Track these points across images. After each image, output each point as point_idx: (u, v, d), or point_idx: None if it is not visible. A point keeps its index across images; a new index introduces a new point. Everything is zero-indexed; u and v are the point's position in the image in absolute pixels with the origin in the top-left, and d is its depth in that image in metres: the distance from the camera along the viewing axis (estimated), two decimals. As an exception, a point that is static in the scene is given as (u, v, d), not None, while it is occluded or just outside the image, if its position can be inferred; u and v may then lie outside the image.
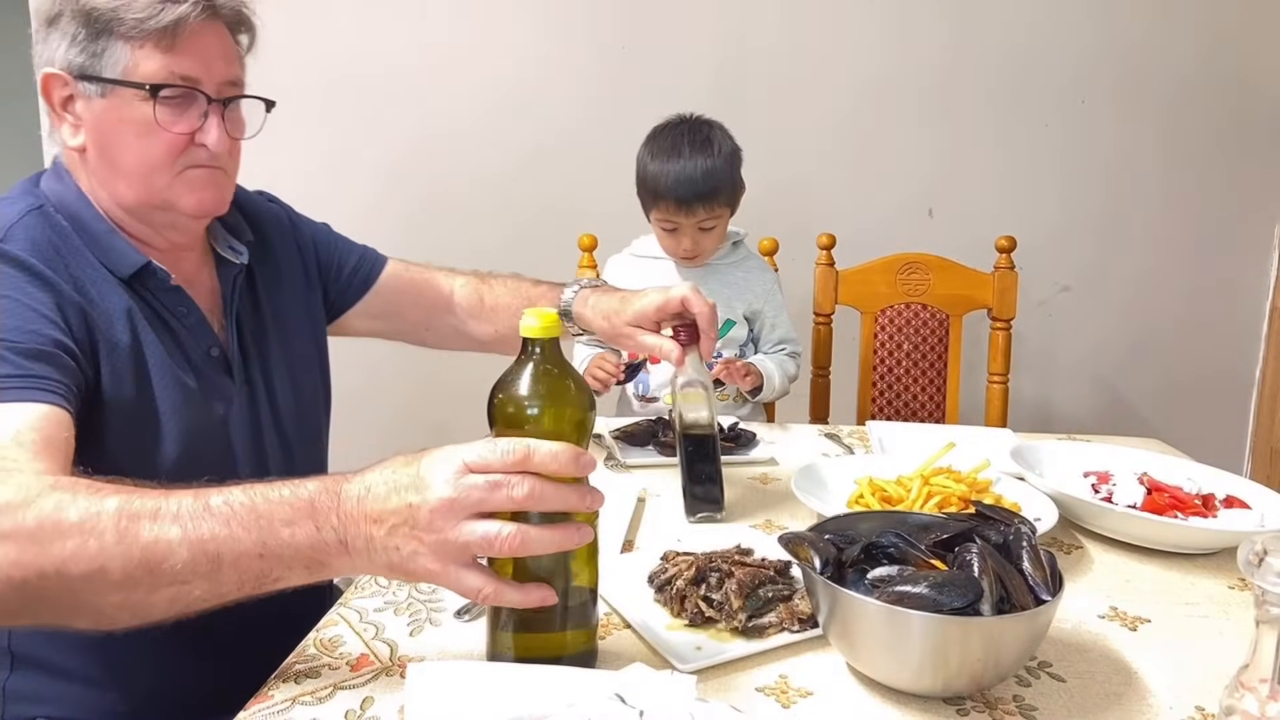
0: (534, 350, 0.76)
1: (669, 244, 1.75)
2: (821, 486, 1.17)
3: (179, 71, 0.97)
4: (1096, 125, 2.39)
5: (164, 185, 1.00)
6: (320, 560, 0.71)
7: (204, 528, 0.70)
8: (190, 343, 1.03)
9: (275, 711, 0.74)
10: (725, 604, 0.86)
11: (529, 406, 0.74)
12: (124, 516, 0.70)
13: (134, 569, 0.69)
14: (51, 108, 0.98)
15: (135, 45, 0.95)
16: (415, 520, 0.68)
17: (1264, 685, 0.62)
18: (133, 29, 0.94)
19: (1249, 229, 2.43)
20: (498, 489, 0.67)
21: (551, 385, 0.75)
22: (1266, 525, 1.08)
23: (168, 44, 0.96)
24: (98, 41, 0.95)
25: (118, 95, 0.96)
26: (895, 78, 2.38)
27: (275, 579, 0.72)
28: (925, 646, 0.73)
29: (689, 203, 1.66)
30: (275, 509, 0.71)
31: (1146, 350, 2.49)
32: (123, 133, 0.97)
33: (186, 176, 1.01)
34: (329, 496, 0.71)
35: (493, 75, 2.41)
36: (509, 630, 0.77)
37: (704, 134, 1.70)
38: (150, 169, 0.99)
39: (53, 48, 0.96)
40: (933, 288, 2.06)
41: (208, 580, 0.71)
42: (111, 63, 0.95)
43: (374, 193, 2.44)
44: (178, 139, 0.98)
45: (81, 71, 0.96)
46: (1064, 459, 1.28)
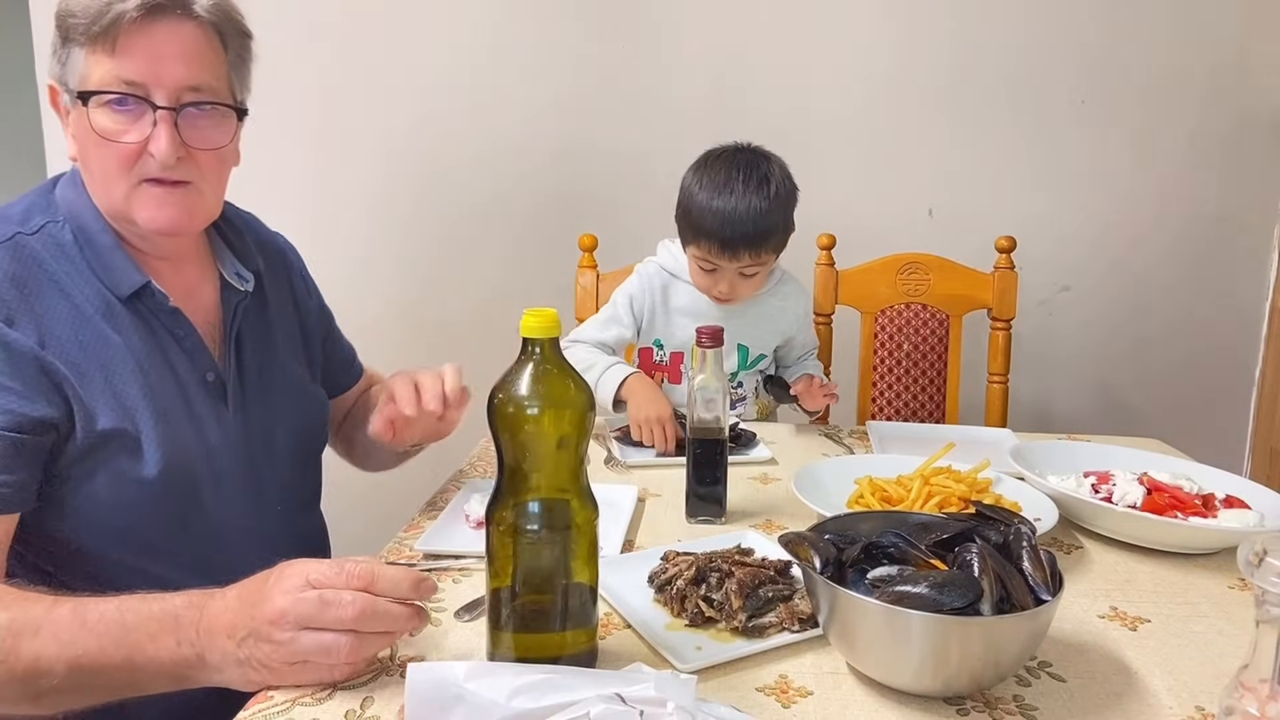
0: (533, 350, 0.76)
1: (703, 282, 1.60)
2: (821, 486, 1.17)
3: (124, 76, 0.93)
4: (1097, 125, 2.39)
5: (121, 197, 0.97)
6: (182, 674, 0.75)
7: (79, 645, 0.75)
8: (184, 366, 1.01)
9: (275, 711, 0.74)
10: (725, 604, 0.86)
11: (529, 406, 0.74)
12: (9, 634, 0.75)
13: (18, 684, 0.75)
14: (58, 114, 0.99)
15: (88, 51, 0.93)
16: (256, 631, 0.72)
17: (1264, 685, 0.62)
18: (82, 34, 0.92)
19: (1249, 229, 2.43)
20: (328, 607, 0.71)
21: (551, 385, 0.75)
22: (1266, 525, 1.08)
23: (110, 47, 0.92)
24: (65, 49, 0.95)
25: (80, 104, 0.95)
26: (895, 78, 2.38)
27: (146, 687, 0.77)
28: (925, 646, 0.73)
29: (734, 247, 1.49)
30: (143, 623, 0.75)
31: (1146, 350, 2.48)
32: (87, 142, 0.96)
33: (142, 191, 0.97)
34: (193, 610, 0.75)
35: (493, 74, 2.40)
36: (509, 630, 0.77)
37: (762, 171, 1.52)
38: (108, 179, 0.97)
39: (52, 60, 0.97)
40: (933, 288, 2.05)
41: (82, 692, 0.76)
42: (72, 71, 0.95)
43: (374, 194, 2.43)
44: (126, 149, 0.95)
45: (59, 80, 0.97)
46: (1064, 459, 1.28)
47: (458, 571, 1.00)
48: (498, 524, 0.76)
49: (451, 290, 2.48)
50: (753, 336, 1.71)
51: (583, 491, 0.77)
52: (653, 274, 1.70)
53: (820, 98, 2.39)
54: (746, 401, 1.77)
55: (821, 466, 1.26)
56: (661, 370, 1.73)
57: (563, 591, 0.76)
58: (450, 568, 1.01)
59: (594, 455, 1.42)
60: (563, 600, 0.76)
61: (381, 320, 2.41)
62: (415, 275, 2.47)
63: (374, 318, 2.41)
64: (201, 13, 0.96)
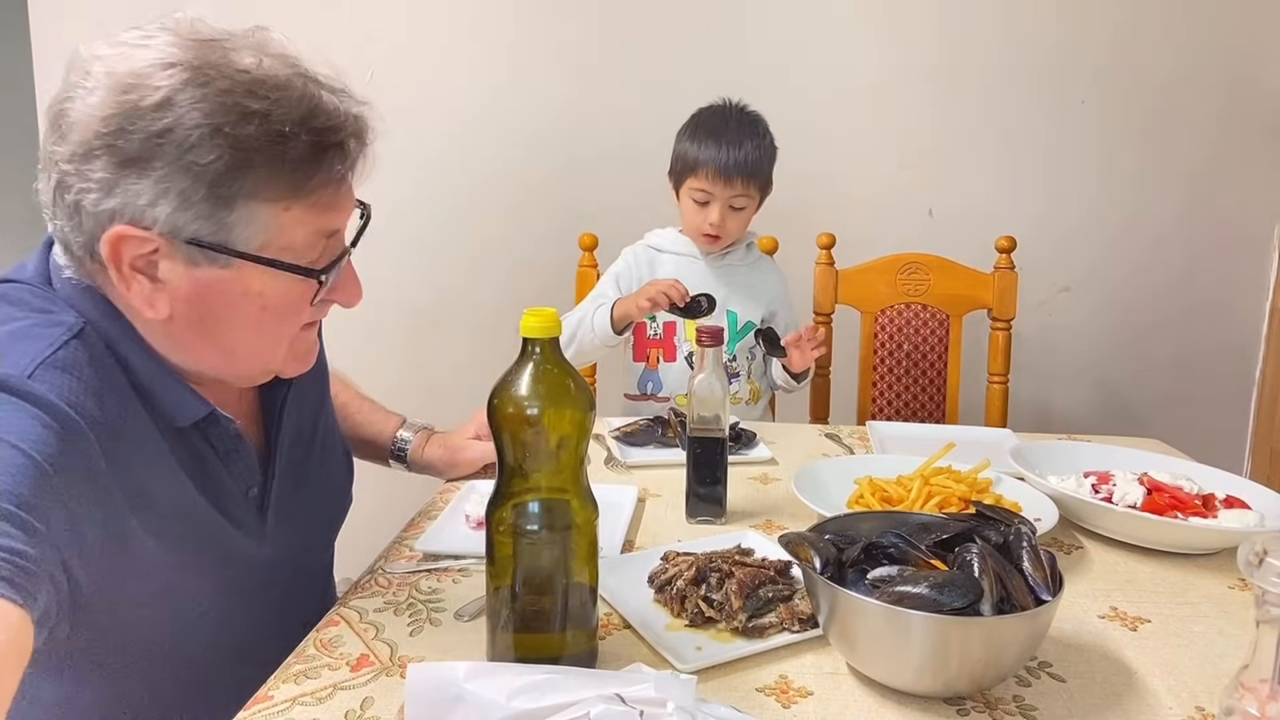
0: (533, 350, 0.76)
1: (697, 219, 1.73)
2: (821, 486, 1.17)
3: (327, 229, 0.79)
4: (1097, 126, 2.39)
5: (280, 358, 0.84)
6: None
7: None
8: (230, 484, 0.87)
9: (275, 711, 0.74)
10: (725, 604, 0.86)
11: (528, 407, 0.74)
12: None
13: None
14: (115, 267, 0.73)
15: (282, 208, 0.74)
16: None
17: (1264, 685, 0.62)
18: (286, 192, 0.74)
19: (1249, 229, 2.43)
20: None
21: (551, 385, 0.75)
22: (1266, 525, 1.08)
23: (326, 202, 0.77)
24: (228, 207, 0.72)
25: (247, 268, 0.75)
26: (896, 78, 2.38)
27: None
28: (925, 646, 0.73)
29: (729, 173, 1.66)
30: None
31: (1146, 350, 2.48)
32: (244, 308, 0.77)
33: (298, 343, 0.85)
34: None
35: (493, 74, 2.41)
36: (509, 630, 0.77)
37: (751, 118, 1.73)
38: (270, 345, 0.82)
39: (135, 201, 0.71)
40: (933, 288, 2.05)
41: None
42: (246, 233, 0.74)
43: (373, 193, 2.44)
44: (310, 307, 0.82)
45: (195, 238, 0.72)
46: (1064, 459, 1.28)
47: (458, 572, 1.00)
48: (497, 524, 0.76)
49: (451, 290, 2.48)
50: (739, 304, 1.80)
51: (583, 492, 0.78)
52: (639, 251, 1.85)
53: (821, 98, 2.39)
54: (740, 378, 1.80)
55: (821, 466, 1.26)
56: (656, 345, 1.80)
57: (562, 592, 0.76)
58: (450, 568, 1.01)
59: (594, 455, 1.42)
60: (562, 601, 0.76)
61: (381, 320, 2.41)
62: (415, 275, 2.47)
63: (373, 317, 2.41)
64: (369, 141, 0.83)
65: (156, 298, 0.75)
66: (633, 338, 1.82)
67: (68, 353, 0.72)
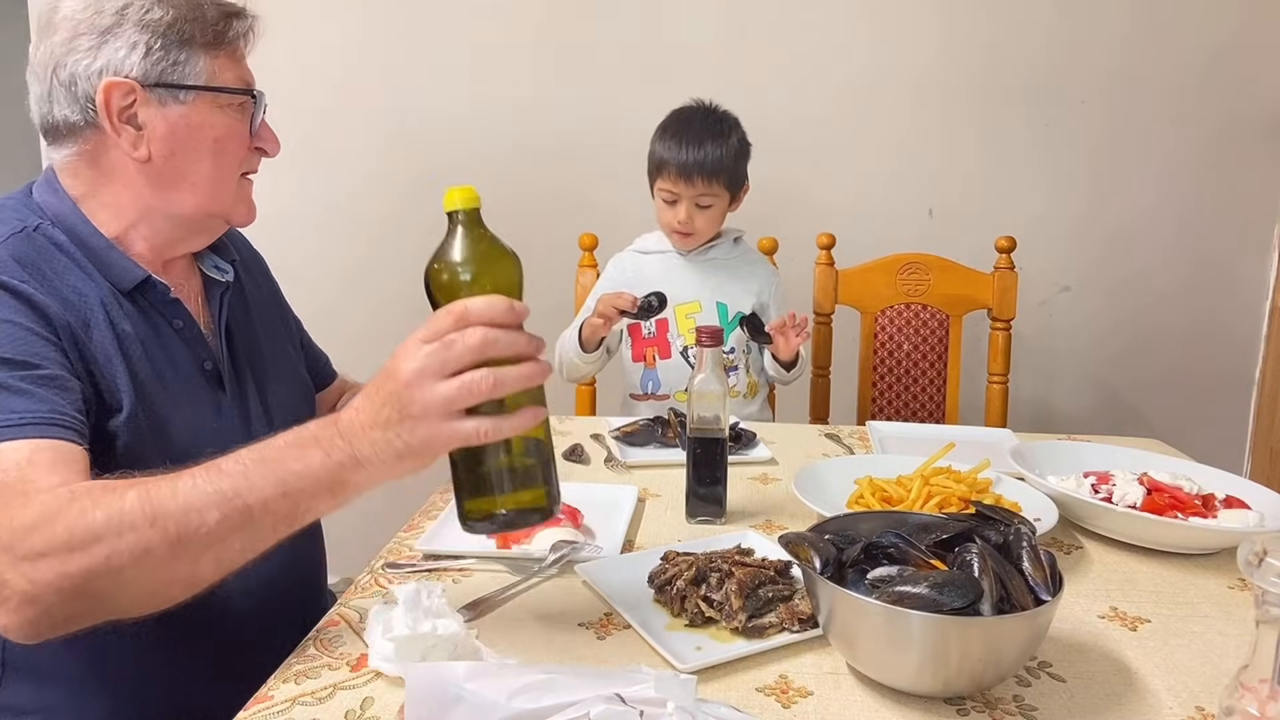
0: (458, 220, 0.80)
1: (667, 217, 1.77)
2: (821, 486, 1.17)
3: (244, 79, 1.02)
4: (1097, 125, 2.39)
5: (231, 194, 1.04)
6: (340, 479, 0.77)
7: (225, 486, 0.75)
8: (183, 356, 1.03)
9: (275, 711, 0.74)
10: (725, 604, 0.86)
11: (462, 272, 0.78)
12: (147, 501, 0.75)
13: (174, 543, 0.75)
14: (109, 117, 0.95)
15: (212, 56, 0.99)
16: (400, 402, 0.74)
17: (1264, 685, 0.62)
18: (211, 40, 0.98)
19: (1249, 229, 2.43)
20: (453, 345, 0.73)
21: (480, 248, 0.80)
22: (1266, 525, 1.08)
23: (238, 54, 1.02)
24: (178, 51, 0.96)
25: (200, 102, 0.98)
26: (895, 78, 2.38)
27: (305, 511, 0.78)
28: (925, 646, 0.73)
29: (689, 173, 1.70)
30: (284, 453, 0.77)
31: (1146, 350, 2.48)
32: (200, 139, 0.99)
33: (243, 186, 1.06)
34: (327, 427, 0.77)
35: (493, 74, 2.41)
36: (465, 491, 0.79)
37: (716, 117, 1.76)
38: (222, 177, 1.02)
39: (114, 57, 0.94)
40: (933, 288, 2.06)
41: (243, 531, 0.76)
42: (194, 72, 0.98)
43: (372, 194, 2.44)
44: (246, 145, 1.03)
45: (159, 80, 0.96)
46: (1064, 459, 1.28)
47: (457, 571, 1.00)
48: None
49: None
50: (729, 294, 1.82)
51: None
52: (623, 258, 1.90)
53: (820, 98, 2.39)
54: (738, 371, 1.81)
55: (821, 466, 1.26)
56: (651, 344, 1.82)
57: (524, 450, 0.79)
58: (449, 568, 1.01)
59: (594, 455, 1.42)
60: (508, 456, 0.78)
61: (381, 320, 2.41)
62: (415, 275, 2.46)
63: (372, 317, 2.41)
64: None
65: (139, 141, 0.97)
66: (630, 339, 1.83)
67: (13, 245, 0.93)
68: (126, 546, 0.74)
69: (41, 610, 0.75)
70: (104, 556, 0.74)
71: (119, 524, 0.74)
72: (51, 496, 0.76)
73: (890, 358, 2.09)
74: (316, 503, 0.77)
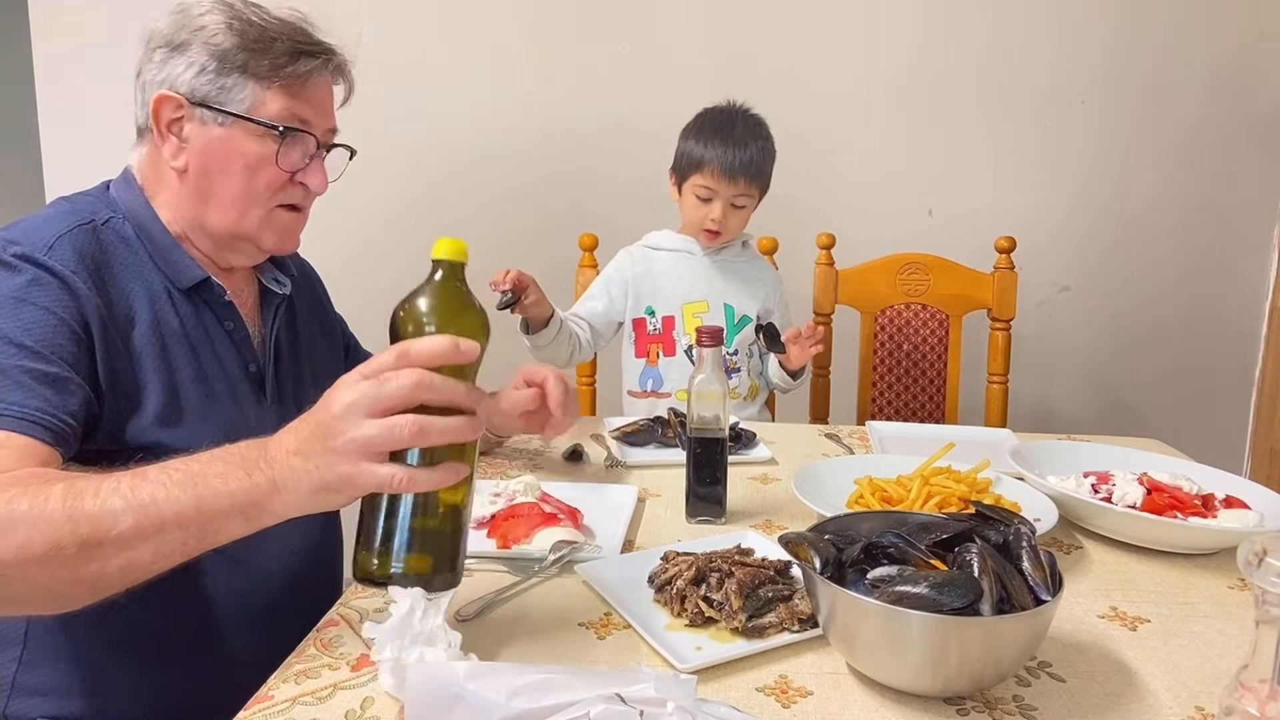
0: (435, 272, 0.79)
1: (698, 214, 1.76)
2: (821, 486, 1.17)
3: (298, 115, 1.06)
4: (1097, 125, 2.39)
5: (256, 219, 1.07)
6: (256, 504, 0.75)
7: (143, 493, 0.75)
8: (230, 357, 1.08)
9: (275, 711, 0.74)
10: (725, 604, 0.86)
11: (426, 322, 0.77)
12: (69, 497, 0.75)
13: (84, 542, 0.73)
14: (157, 126, 1.03)
15: (263, 86, 1.03)
16: (325, 433, 0.73)
17: (1264, 685, 0.62)
18: (267, 72, 1.03)
19: (1248, 229, 2.43)
20: (386, 382, 0.72)
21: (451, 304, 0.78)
22: (1266, 525, 1.08)
23: (295, 90, 1.05)
24: (228, 76, 1.02)
25: (238, 128, 1.03)
26: (895, 78, 2.38)
27: (215, 530, 0.76)
28: (925, 646, 0.73)
29: (734, 171, 1.70)
30: (208, 467, 0.76)
31: (1146, 350, 2.48)
32: (231, 163, 1.04)
33: (275, 215, 1.09)
34: (256, 448, 0.77)
35: (495, 77, 2.41)
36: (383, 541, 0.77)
37: (756, 120, 1.77)
38: (249, 202, 1.06)
39: (174, 72, 1.02)
40: (933, 288, 2.06)
41: (153, 542, 0.75)
42: (239, 98, 1.03)
43: (374, 196, 2.44)
44: (281, 176, 1.06)
45: (204, 100, 1.02)
46: (1064, 459, 1.28)
47: (458, 571, 1.00)
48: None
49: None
50: (736, 296, 1.82)
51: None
52: (634, 251, 1.88)
53: (820, 98, 2.39)
54: (740, 373, 1.81)
55: (821, 466, 1.26)
56: (656, 341, 1.82)
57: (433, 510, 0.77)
58: (450, 568, 1.01)
59: (594, 455, 1.42)
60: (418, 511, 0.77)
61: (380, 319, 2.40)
62: (415, 274, 2.47)
63: (372, 317, 2.40)
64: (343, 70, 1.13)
65: (179, 153, 1.04)
66: (634, 334, 1.84)
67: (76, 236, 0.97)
68: (40, 538, 0.73)
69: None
70: (16, 545, 0.73)
71: (38, 515, 0.73)
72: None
73: (890, 358, 2.09)
74: (228, 523, 0.76)
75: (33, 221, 0.99)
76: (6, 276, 0.92)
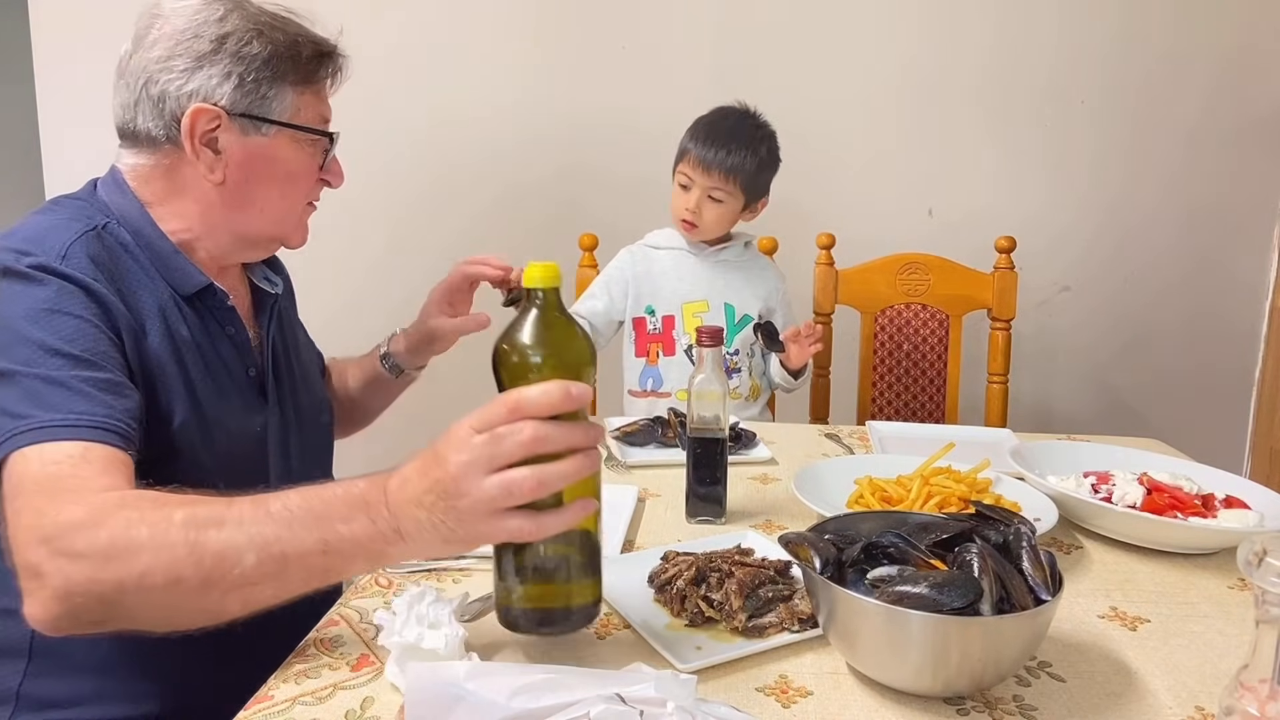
0: (536, 298, 0.77)
1: (679, 203, 1.78)
2: (821, 486, 1.17)
3: (325, 116, 1.08)
4: (1097, 125, 2.39)
5: (294, 222, 1.10)
6: (379, 550, 0.75)
7: (268, 531, 0.74)
8: (233, 361, 1.07)
9: (275, 711, 0.74)
10: (725, 604, 0.86)
11: (532, 355, 0.75)
12: (191, 528, 0.74)
13: (207, 577, 0.74)
14: (190, 139, 0.99)
15: (299, 92, 1.03)
16: (446, 491, 0.71)
17: (1264, 685, 0.62)
18: (301, 79, 1.03)
19: (1249, 229, 2.43)
20: (502, 440, 0.70)
21: (554, 332, 0.76)
22: (1266, 525, 1.08)
23: (322, 93, 1.07)
24: (269, 86, 1.01)
25: (280, 136, 1.03)
26: (895, 78, 2.38)
27: (339, 571, 0.77)
28: (925, 646, 0.73)
29: (708, 162, 1.71)
30: (331, 508, 0.75)
31: (1146, 350, 2.48)
32: (274, 171, 1.04)
33: (304, 214, 1.12)
34: (377, 491, 0.75)
35: (495, 77, 2.41)
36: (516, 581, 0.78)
37: (754, 124, 1.78)
38: (289, 207, 1.08)
39: (206, 83, 0.99)
40: (933, 288, 2.06)
41: (276, 580, 0.75)
42: (279, 107, 1.02)
43: (375, 196, 2.43)
44: (314, 179, 1.09)
45: (246, 111, 1.00)
46: (1064, 459, 1.28)
47: (458, 571, 1.00)
48: None
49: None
50: (737, 296, 1.82)
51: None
52: (635, 250, 1.89)
53: (821, 98, 2.39)
54: (741, 373, 1.81)
55: (821, 466, 1.26)
56: (656, 340, 1.83)
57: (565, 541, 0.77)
58: (450, 568, 1.01)
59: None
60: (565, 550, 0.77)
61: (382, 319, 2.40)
62: (416, 274, 2.46)
63: (373, 317, 2.40)
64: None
65: (216, 165, 1.01)
66: (634, 333, 1.84)
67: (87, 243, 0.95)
68: (161, 569, 0.74)
69: (67, 609, 0.76)
70: (138, 573, 0.74)
71: (159, 544, 0.74)
72: (101, 499, 0.77)
73: (890, 358, 2.09)
74: (353, 565, 0.77)
75: (35, 228, 0.95)
76: (28, 289, 0.89)
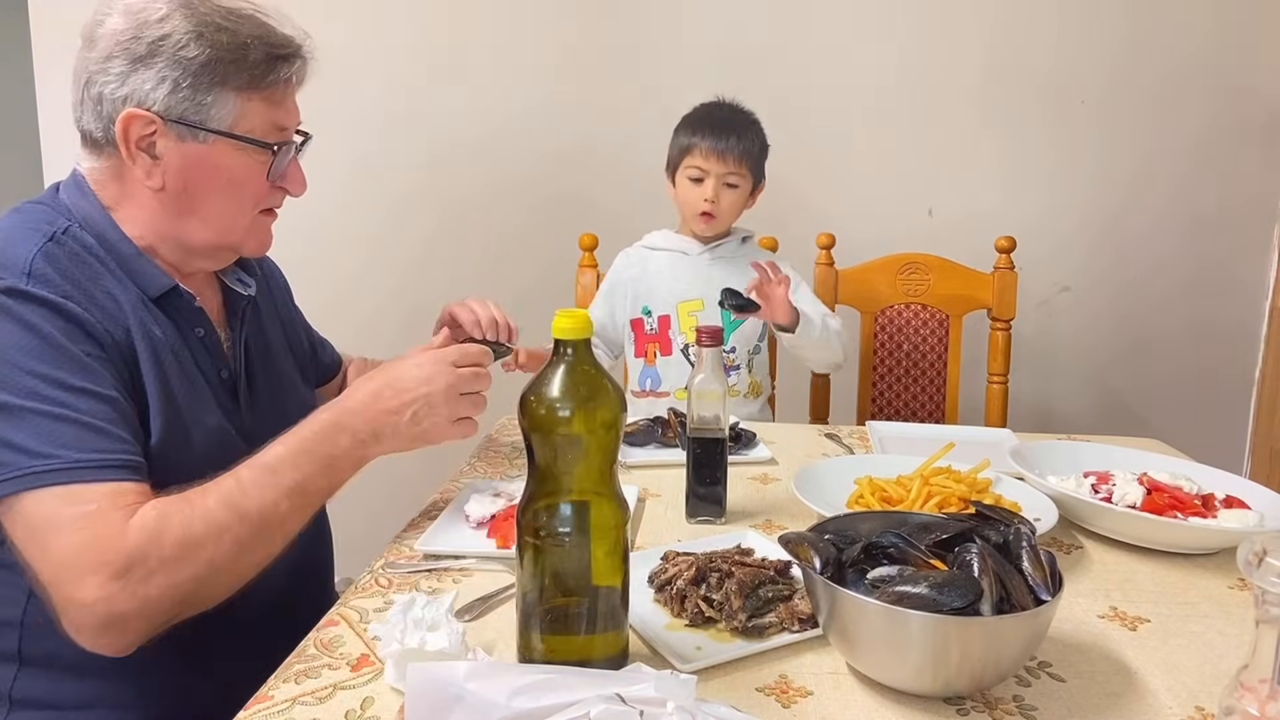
0: (565, 351, 0.75)
1: (693, 196, 1.77)
2: (821, 486, 1.17)
3: (279, 124, 1.03)
4: (1097, 126, 2.39)
5: (243, 229, 1.06)
6: (364, 455, 0.99)
7: (284, 479, 0.92)
8: (205, 363, 1.05)
9: (275, 711, 0.74)
10: (725, 604, 0.86)
11: (560, 408, 0.74)
12: (230, 505, 0.88)
13: (259, 535, 0.90)
14: (125, 144, 0.96)
15: (244, 98, 0.99)
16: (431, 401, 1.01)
17: (1264, 685, 0.62)
18: (246, 84, 0.98)
19: (1248, 230, 2.43)
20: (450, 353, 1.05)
21: (583, 386, 0.75)
22: (1266, 525, 1.08)
23: (276, 98, 1.02)
24: (207, 92, 0.96)
25: (220, 143, 0.99)
26: (895, 78, 2.38)
27: (338, 484, 0.99)
28: (925, 646, 0.73)
29: (721, 149, 1.73)
30: (316, 441, 0.95)
31: (1146, 350, 2.48)
32: (215, 179, 1.00)
33: (257, 222, 1.07)
34: (342, 415, 0.98)
35: (494, 76, 2.41)
36: (540, 632, 0.76)
37: (742, 111, 1.82)
38: (235, 215, 1.04)
39: (141, 87, 0.95)
40: (933, 288, 2.06)
41: (302, 511, 0.94)
42: (219, 114, 0.98)
43: (375, 194, 2.44)
44: (264, 186, 1.04)
45: (181, 118, 0.96)
46: (1064, 459, 1.28)
47: (458, 572, 1.00)
48: (528, 526, 0.75)
49: (453, 290, 2.47)
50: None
51: (614, 493, 0.77)
52: (631, 252, 1.90)
53: (821, 99, 2.39)
54: (740, 371, 1.81)
55: (821, 466, 1.26)
56: (653, 340, 1.83)
57: (592, 594, 0.76)
58: (450, 568, 1.01)
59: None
60: (592, 603, 0.76)
61: (382, 319, 2.41)
62: (416, 274, 2.47)
63: (374, 316, 2.41)
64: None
65: (154, 171, 0.98)
66: (633, 334, 1.84)
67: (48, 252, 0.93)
68: (226, 547, 0.87)
69: (149, 623, 0.84)
70: (207, 560, 0.86)
71: (216, 529, 0.86)
72: (142, 520, 0.84)
73: (890, 358, 2.09)
74: (347, 474, 0.98)
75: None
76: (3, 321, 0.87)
